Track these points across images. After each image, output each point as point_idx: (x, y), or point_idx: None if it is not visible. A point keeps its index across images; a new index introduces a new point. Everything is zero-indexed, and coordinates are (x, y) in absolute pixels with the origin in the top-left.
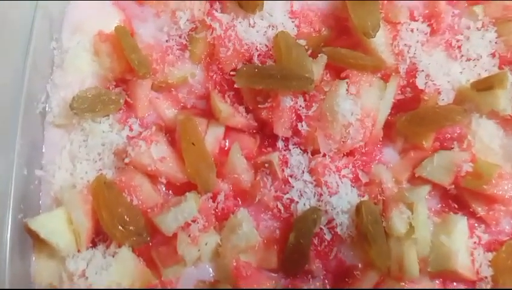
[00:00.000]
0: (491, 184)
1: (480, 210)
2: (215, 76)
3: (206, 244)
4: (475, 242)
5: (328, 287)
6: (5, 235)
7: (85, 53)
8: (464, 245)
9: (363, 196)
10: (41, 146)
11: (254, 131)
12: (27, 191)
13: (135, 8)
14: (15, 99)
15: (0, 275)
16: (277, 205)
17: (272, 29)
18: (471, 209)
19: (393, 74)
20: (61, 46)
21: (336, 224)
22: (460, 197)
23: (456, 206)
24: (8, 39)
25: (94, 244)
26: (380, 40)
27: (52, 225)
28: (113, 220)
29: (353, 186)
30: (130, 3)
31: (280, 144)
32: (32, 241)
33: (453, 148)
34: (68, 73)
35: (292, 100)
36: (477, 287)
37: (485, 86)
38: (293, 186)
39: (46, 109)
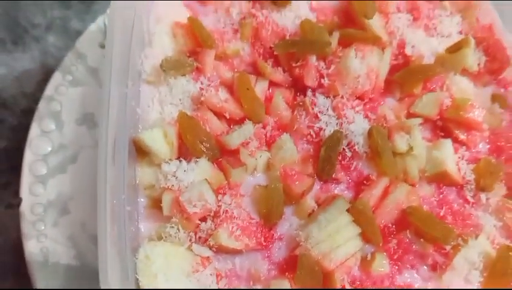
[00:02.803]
0: (465, 111)
1: (462, 135)
2: (259, 49)
3: (260, 156)
4: (459, 157)
5: (351, 189)
6: (122, 151)
7: (165, 36)
8: (451, 157)
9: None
10: (139, 96)
11: (289, 86)
12: (134, 125)
13: (199, 7)
14: (124, 66)
15: (120, 179)
16: (310, 132)
17: (298, 19)
18: (454, 136)
19: (387, 45)
20: (149, 31)
21: (354, 143)
22: (445, 127)
23: (443, 134)
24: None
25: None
26: (376, 24)
27: (153, 138)
28: (194, 139)
29: (365, 118)
30: (195, 3)
31: (309, 93)
32: (136, 154)
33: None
34: (155, 48)
35: (316, 61)
36: (465, 190)
37: (455, 48)
38: (320, 119)
39: (141, 72)
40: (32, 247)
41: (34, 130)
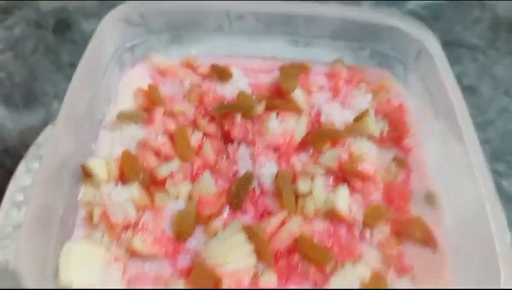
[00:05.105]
0: (357, 164)
1: (357, 184)
2: (201, 110)
3: (183, 186)
4: (353, 201)
5: (256, 219)
6: (69, 176)
7: (129, 97)
8: (344, 199)
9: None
10: (97, 138)
11: (220, 138)
12: (85, 156)
13: (160, 78)
14: (88, 114)
15: (62, 198)
16: (228, 173)
17: (237, 90)
18: (352, 184)
19: (306, 114)
20: (116, 92)
21: (263, 183)
22: (345, 177)
23: (342, 183)
24: (91, 85)
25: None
26: (299, 97)
27: (95, 165)
28: (131, 170)
29: (275, 164)
30: (157, 74)
31: (235, 144)
32: (83, 177)
33: None
34: (117, 105)
35: (243, 120)
36: (354, 228)
37: (359, 117)
38: (238, 163)
39: (102, 120)
40: None
41: (21, 168)
